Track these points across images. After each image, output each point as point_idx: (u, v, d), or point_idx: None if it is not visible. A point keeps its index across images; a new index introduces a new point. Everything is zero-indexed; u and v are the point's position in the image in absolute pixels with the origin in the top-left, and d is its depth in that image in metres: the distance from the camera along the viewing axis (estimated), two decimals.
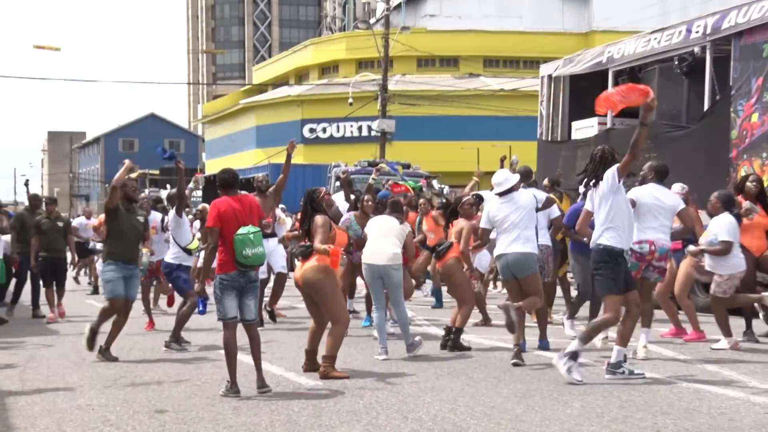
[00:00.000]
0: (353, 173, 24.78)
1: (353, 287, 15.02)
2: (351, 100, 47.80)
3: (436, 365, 10.32)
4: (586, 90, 20.04)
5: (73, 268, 19.29)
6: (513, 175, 11.04)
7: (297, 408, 8.03)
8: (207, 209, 13.83)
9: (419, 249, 14.53)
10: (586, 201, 10.12)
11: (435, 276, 15.38)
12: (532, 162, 20.34)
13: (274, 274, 14.85)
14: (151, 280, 14.95)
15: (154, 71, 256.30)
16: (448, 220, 12.49)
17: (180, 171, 12.82)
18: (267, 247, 13.20)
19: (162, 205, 16.63)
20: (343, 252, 10.89)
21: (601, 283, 9.41)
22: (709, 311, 12.12)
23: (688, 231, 11.33)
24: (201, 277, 10.00)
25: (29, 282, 16.88)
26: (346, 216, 14.20)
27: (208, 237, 9.47)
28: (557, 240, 13.34)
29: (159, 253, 14.18)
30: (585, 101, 19.91)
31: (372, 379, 9.43)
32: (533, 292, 10.44)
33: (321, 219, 9.97)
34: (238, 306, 8.88)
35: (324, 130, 61.20)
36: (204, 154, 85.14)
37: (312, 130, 61.84)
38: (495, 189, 10.76)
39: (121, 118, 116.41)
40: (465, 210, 12.03)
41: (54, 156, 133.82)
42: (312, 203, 10.17)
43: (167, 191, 15.92)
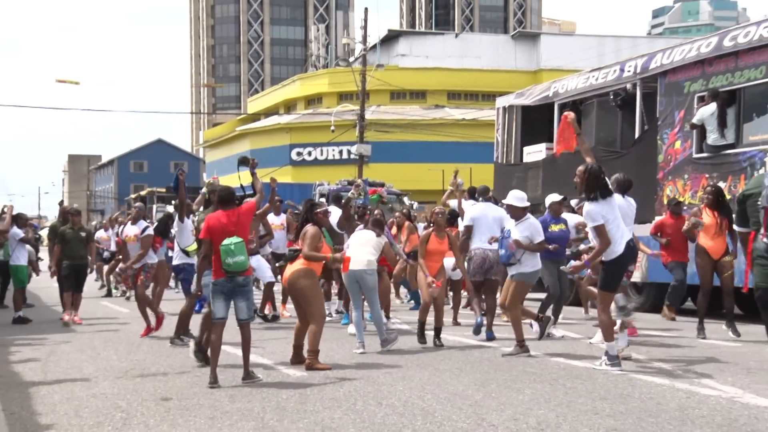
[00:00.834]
0: (335, 191, 24.86)
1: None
2: (333, 127, 48.22)
3: (406, 358, 10.32)
4: (535, 120, 20.20)
5: (91, 271, 19.00)
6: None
7: (285, 395, 8.02)
8: None
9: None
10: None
11: (411, 280, 15.41)
12: (489, 181, 20.38)
13: (263, 284, 14.68)
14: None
15: (161, 102, 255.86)
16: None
17: (181, 182, 12.85)
18: (255, 260, 13.33)
19: (167, 214, 16.58)
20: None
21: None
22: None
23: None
24: (197, 280, 10.02)
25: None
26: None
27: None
28: None
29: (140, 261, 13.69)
30: (535, 129, 20.08)
31: (351, 370, 9.42)
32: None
33: (312, 230, 10.06)
34: (227, 308, 8.84)
35: (309, 153, 61.54)
36: (205, 174, 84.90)
37: (299, 153, 62.10)
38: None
39: (132, 142, 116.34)
40: (438, 219, 11.93)
41: (73, 176, 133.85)
42: (309, 214, 10.27)
43: (174, 203, 15.84)
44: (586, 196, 9.30)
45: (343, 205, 14.37)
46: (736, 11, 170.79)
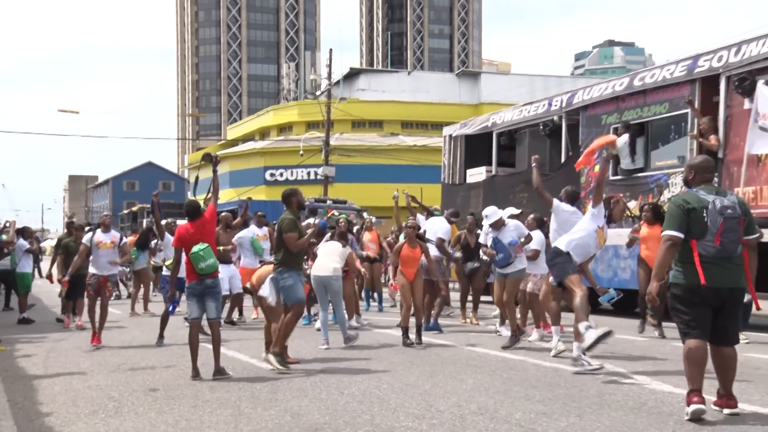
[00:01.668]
0: (308, 206, 24.83)
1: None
2: (302, 152, 48.20)
3: (365, 353, 10.30)
4: (477, 146, 20.34)
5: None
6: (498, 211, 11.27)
7: (258, 386, 7.98)
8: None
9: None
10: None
11: (378, 284, 15.48)
12: (437, 200, 20.53)
13: (234, 292, 14.24)
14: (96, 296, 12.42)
15: (151, 129, 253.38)
16: None
17: (155, 203, 13.13)
18: (227, 272, 13.21)
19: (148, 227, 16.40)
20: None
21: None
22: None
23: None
24: (170, 285, 9.99)
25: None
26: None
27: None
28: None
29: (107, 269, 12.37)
30: (476, 154, 20.21)
31: (317, 364, 9.39)
32: None
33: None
34: (201, 309, 8.77)
35: (281, 174, 61.15)
36: (189, 192, 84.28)
37: (272, 174, 61.71)
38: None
39: (125, 165, 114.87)
40: (409, 232, 11.67)
41: (73, 194, 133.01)
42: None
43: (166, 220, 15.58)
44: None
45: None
46: (644, 56, 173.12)
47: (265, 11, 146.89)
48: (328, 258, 11.38)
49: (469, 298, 14.30)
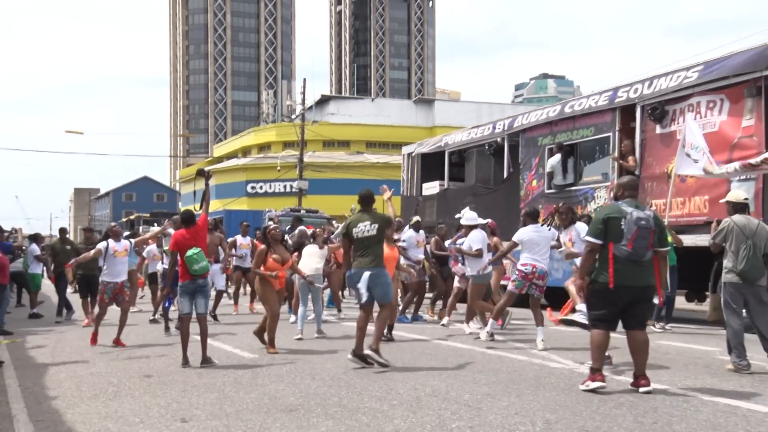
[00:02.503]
0: (280, 216, 24.76)
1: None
2: (279, 168, 48.33)
3: (335, 343, 10.27)
4: (431, 163, 20.40)
5: None
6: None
7: (241, 373, 7.94)
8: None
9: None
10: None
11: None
12: (397, 210, 20.52)
13: (216, 289, 14.02)
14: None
15: (147, 148, 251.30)
16: None
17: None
18: (211, 271, 13.01)
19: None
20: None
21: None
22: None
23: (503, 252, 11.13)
24: (167, 283, 9.94)
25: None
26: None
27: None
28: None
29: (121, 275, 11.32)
30: (431, 170, 20.28)
31: (292, 353, 9.35)
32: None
33: (258, 249, 9.98)
34: (191, 305, 8.72)
35: (261, 187, 61.09)
36: (180, 203, 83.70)
37: (252, 187, 61.59)
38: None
39: (124, 179, 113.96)
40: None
41: (78, 204, 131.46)
42: (264, 236, 10.34)
43: (158, 227, 15.32)
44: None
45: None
46: (572, 87, 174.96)
47: (247, 46, 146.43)
48: (311, 259, 11.35)
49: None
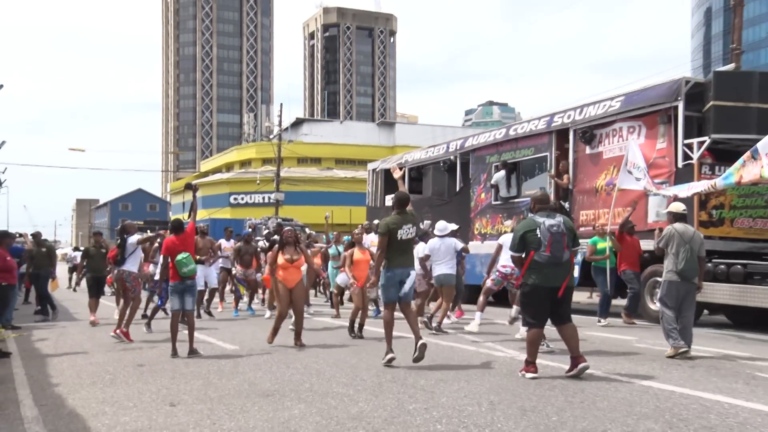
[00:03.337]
0: (258, 224, 24.57)
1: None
2: (258, 181, 48.20)
3: (307, 336, 10.05)
4: (392, 179, 20.33)
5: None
6: (450, 225, 10.74)
7: (223, 362, 7.84)
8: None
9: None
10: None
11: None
12: (363, 218, 20.52)
13: (210, 287, 13.79)
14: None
15: (141, 163, 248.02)
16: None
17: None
18: (203, 271, 12.73)
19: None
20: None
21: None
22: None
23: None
24: (159, 284, 9.78)
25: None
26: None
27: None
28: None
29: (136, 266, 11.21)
30: (393, 184, 20.17)
31: (269, 346, 9.21)
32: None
33: (272, 251, 9.62)
34: (182, 303, 8.61)
35: (242, 198, 60.78)
36: (171, 212, 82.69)
37: (235, 198, 61.24)
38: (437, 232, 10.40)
39: (121, 190, 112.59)
40: (357, 238, 11.11)
41: (79, 213, 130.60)
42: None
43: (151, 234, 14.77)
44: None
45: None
46: (514, 114, 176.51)
47: (231, 74, 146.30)
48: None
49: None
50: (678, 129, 11.39)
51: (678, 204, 8.77)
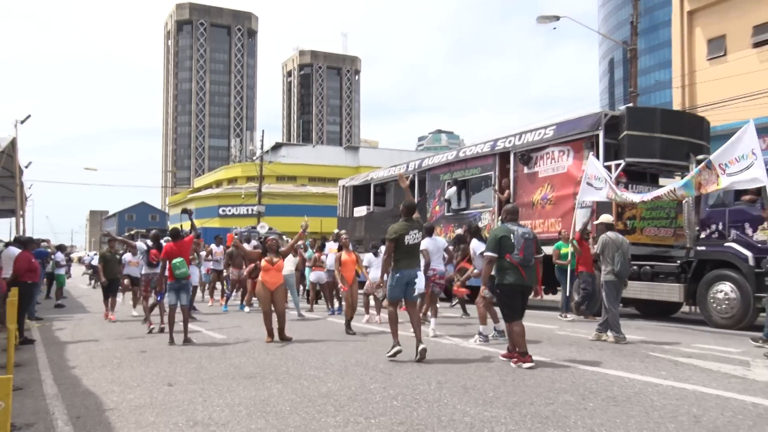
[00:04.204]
0: (242, 232, 24.11)
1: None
2: (243, 196, 47.82)
3: (294, 330, 9.95)
4: (360, 193, 20.19)
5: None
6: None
7: (213, 350, 7.69)
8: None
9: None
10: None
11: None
12: (333, 227, 20.31)
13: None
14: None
15: (144, 180, 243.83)
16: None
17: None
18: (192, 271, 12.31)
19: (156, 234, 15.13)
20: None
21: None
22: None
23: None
24: (159, 282, 9.53)
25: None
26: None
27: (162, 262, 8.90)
28: None
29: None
30: (360, 198, 20.10)
31: (252, 337, 9.04)
32: None
33: (257, 255, 9.43)
34: (177, 299, 8.46)
35: (229, 210, 60.18)
36: (169, 222, 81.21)
37: (223, 210, 60.62)
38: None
39: (127, 203, 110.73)
40: (344, 242, 10.31)
41: (92, 222, 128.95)
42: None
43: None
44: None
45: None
46: (459, 140, 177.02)
47: (221, 105, 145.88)
48: (286, 263, 10.84)
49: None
50: (599, 153, 11.54)
51: (607, 216, 8.81)
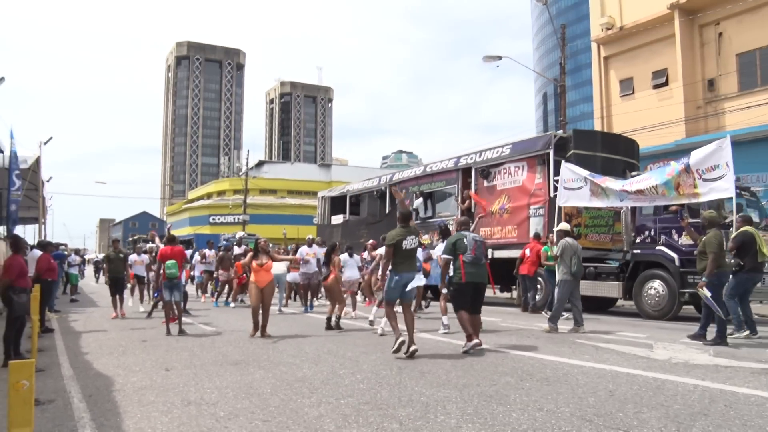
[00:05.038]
0: (230, 238, 23.35)
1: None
2: (231, 206, 47.13)
3: (273, 323, 9.44)
4: (337, 203, 19.71)
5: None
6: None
7: (204, 340, 7.43)
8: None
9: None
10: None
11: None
12: (313, 232, 19.75)
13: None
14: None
15: (146, 191, 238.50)
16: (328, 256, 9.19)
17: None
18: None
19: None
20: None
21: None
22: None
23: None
24: (155, 281, 9.03)
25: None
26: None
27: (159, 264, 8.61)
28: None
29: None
30: (336, 208, 19.62)
31: (238, 329, 8.58)
32: None
33: (249, 256, 8.55)
34: (171, 295, 8.21)
35: (218, 219, 59.01)
36: (167, 229, 79.09)
37: (213, 218, 59.38)
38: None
39: (131, 212, 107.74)
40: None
41: (101, 229, 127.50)
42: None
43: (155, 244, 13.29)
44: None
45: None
46: (417, 159, 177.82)
47: (212, 128, 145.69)
48: (279, 265, 10.60)
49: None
50: (550, 169, 11.43)
51: (565, 224, 8.81)
